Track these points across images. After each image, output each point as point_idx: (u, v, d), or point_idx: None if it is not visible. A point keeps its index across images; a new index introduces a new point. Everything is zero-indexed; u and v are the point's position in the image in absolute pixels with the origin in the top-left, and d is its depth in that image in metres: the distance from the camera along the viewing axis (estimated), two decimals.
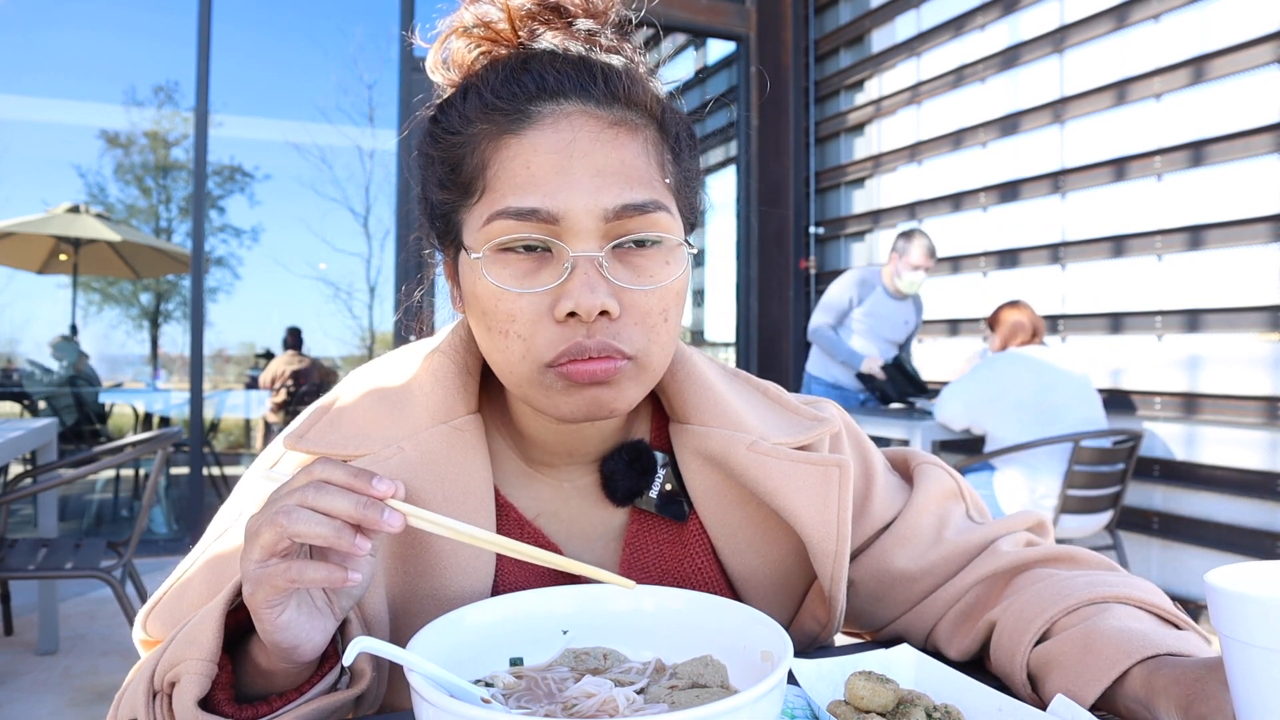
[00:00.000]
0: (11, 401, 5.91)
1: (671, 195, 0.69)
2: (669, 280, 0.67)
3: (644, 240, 0.66)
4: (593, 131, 0.65)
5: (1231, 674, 0.51)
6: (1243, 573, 0.52)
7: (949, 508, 0.85)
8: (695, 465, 0.78)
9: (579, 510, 0.80)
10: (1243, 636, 0.49)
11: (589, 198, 0.64)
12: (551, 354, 0.65)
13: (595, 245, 0.64)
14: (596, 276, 0.64)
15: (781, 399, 0.84)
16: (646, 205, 0.65)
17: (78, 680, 2.79)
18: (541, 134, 0.65)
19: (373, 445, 0.71)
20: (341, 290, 6.77)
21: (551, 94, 0.66)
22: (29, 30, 5.51)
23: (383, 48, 5.69)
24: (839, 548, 0.74)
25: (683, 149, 0.72)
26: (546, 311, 0.65)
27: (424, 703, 0.49)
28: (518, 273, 0.65)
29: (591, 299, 0.63)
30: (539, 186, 0.64)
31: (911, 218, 4.77)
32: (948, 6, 4.51)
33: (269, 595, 0.55)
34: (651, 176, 0.67)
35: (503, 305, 0.66)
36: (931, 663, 0.66)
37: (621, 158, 0.66)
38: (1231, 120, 3.21)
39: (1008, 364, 3.23)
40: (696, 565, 0.80)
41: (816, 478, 0.75)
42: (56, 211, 5.63)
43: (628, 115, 0.67)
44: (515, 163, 0.65)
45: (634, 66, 0.70)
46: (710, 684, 0.59)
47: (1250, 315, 3.17)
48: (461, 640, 0.62)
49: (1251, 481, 3.18)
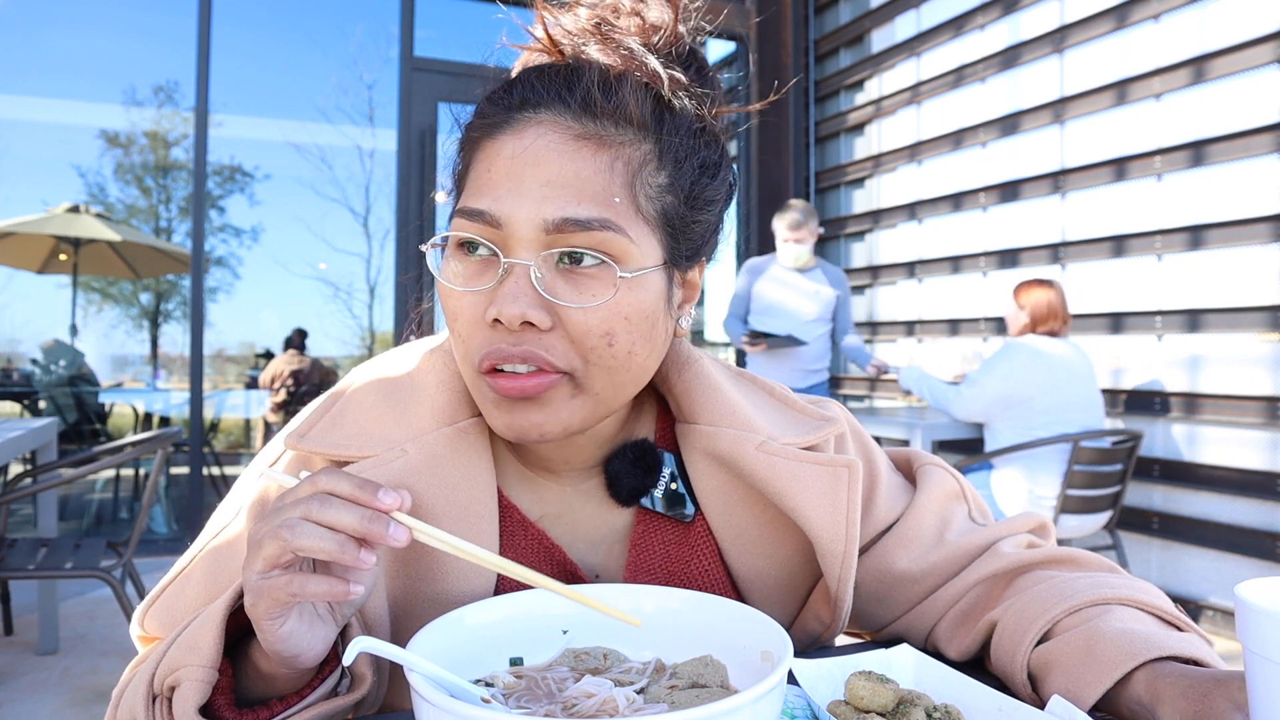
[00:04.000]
0: (11, 401, 5.91)
1: (640, 218, 0.66)
2: (605, 299, 0.64)
3: (580, 256, 0.64)
4: (553, 142, 0.65)
5: (1253, 689, 0.50)
6: (1274, 588, 0.51)
7: (951, 509, 0.85)
8: (702, 465, 0.78)
9: (583, 512, 0.79)
10: (1269, 654, 0.48)
11: (532, 206, 0.63)
12: (479, 356, 0.66)
13: (530, 254, 0.64)
14: (525, 285, 0.63)
15: (788, 399, 0.84)
16: (590, 222, 0.63)
17: (78, 680, 2.79)
18: (508, 140, 0.66)
19: (376, 446, 0.71)
20: (341, 290, 6.78)
21: (532, 104, 0.66)
22: (29, 30, 5.51)
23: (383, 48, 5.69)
24: (847, 548, 0.74)
25: (685, 172, 0.69)
26: (481, 315, 0.65)
27: (424, 703, 0.49)
28: (464, 272, 0.67)
29: (513, 307, 0.62)
30: (492, 190, 0.65)
31: (911, 218, 4.78)
32: (947, 6, 4.51)
33: (270, 607, 0.54)
34: (609, 194, 0.64)
35: (449, 303, 0.67)
36: (931, 663, 0.66)
37: (576, 170, 0.64)
38: (1231, 120, 3.21)
39: (1028, 358, 3.15)
40: (702, 566, 0.80)
41: (826, 478, 0.75)
42: (56, 211, 5.63)
43: (601, 130, 0.65)
44: (481, 165, 0.67)
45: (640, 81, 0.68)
46: (710, 684, 0.59)
47: (1250, 315, 3.17)
48: (461, 640, 0.61)
49: (1252, 481, 3.18)
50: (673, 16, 0.71)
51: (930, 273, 4.68)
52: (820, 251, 5.52)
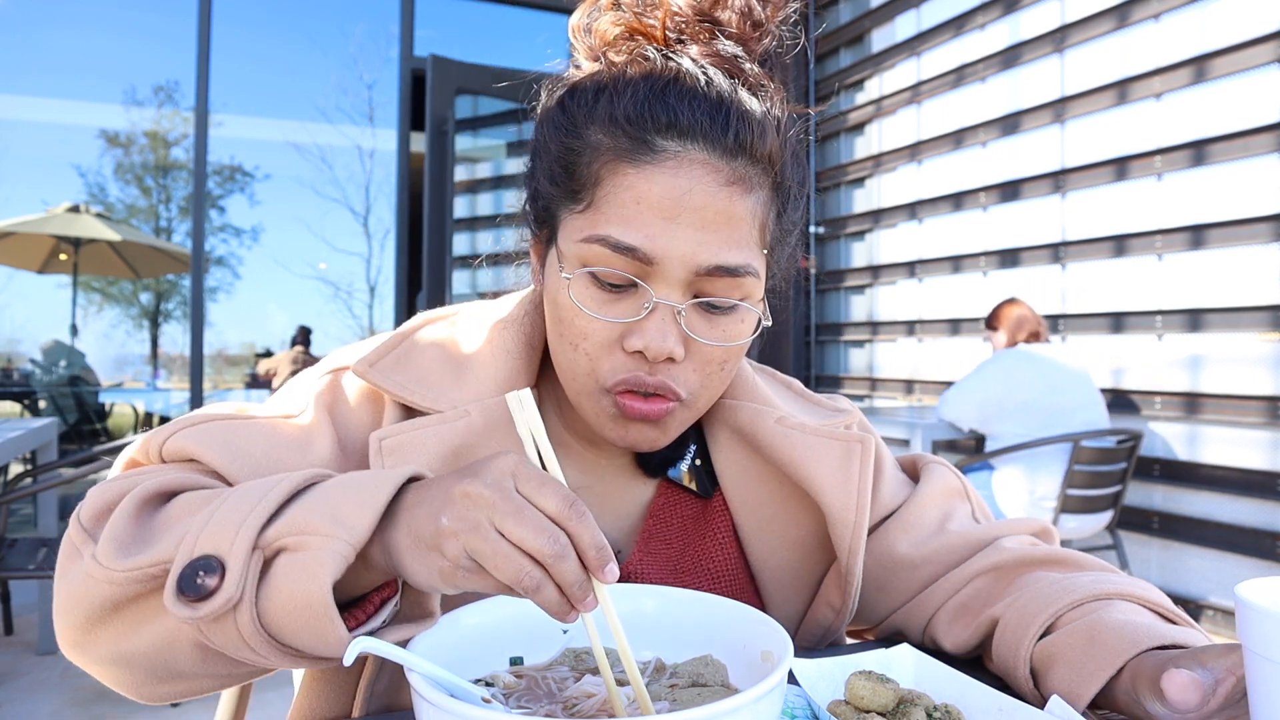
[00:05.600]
0: (11, 401, 5.91)
1: (765, 257, 0.70)
2: (740, 340, 0.69)
3: (729, 307, 0.68)
4: (709, 186, 0.65)
5: (1253, 689, 0.50)
6: (1274, 588, 0.51)
7: (954, 504, 0.87)
8: (724, 440, 0.81)
9: (611, 485, 0.82)
10: (1269, 654, 0.48)
11: (687, 249, 0.65)
12: (612, 380, 0.68)
13: (679, 295, 0.66)
14: (672, 323, 0.66)
15: (804, 392, 0.88)
16: (738, 270, 0.66)
17: (78, 680, 2.79)
18: (660, 172, 0.65)
19: (439, 403, 0.72)
20: (341, 290, 6.78)
21: (680, 134, 0.65)
22: (29, 30, 5.51)
23: (383, 48, 5.69)
24: (858, 518, 0.76)
25: (789, 204, 0.72)
26: (617, 340, 0.67)
27: (424, 702, 0.49)
28: (600, 298, 0.67)
29: (662, 344, 0.65)
30: (644, 226, 0.65)
31: (912, 217, 4.77)
32: (948, 6, 4.51)
33: (466, 583, 0.50)
34: (752, 239, 0.68)
35: (578, 322, 0.68)
36: (932, 662, 0.66)
37: (730, 216, 0.66)
38: (1232, 120, 3.21)
39: (1014, 362, 3.20)
40: (717, 542, 0.81)
41: (839, 451, 0.77)
42: (56, 211, 5.63)
43: (748, 171, 0.67)
44: (628, 194, 0.65)
45: (769, 111, 0.68)
46: (710, 684, 0.59)
47: (1251, 315, 3.17)
48: (461, 640, 0.61)
49: (1252, 481, 3.18)
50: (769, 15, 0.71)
51: (930, 272, 4.68)
52: (820, 252, 5.52)
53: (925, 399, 4.71)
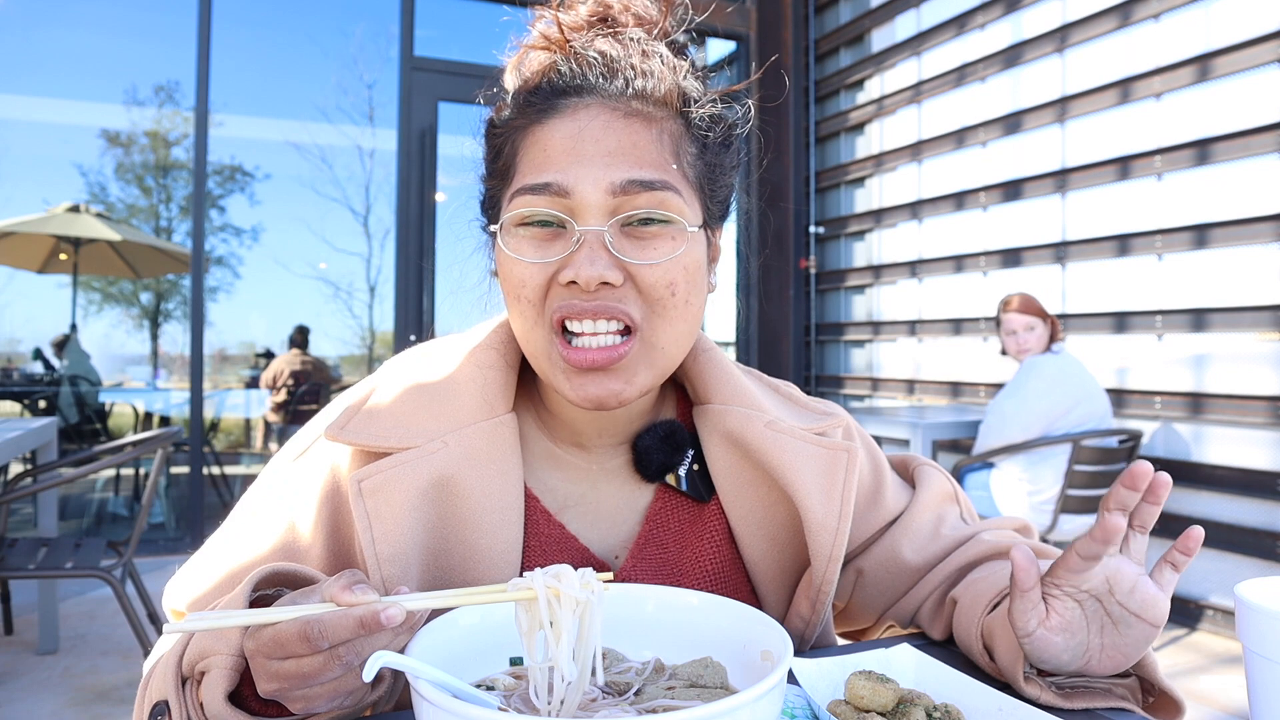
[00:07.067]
0: (11, 401, 5.91)
1: (687, 182, 0.73)
2: (672, 255, 0.70)
3: (650, 218, 0.70)
4: (606, 119, 0.71)
5: (1253, 689, 0.50)
6: (1274, 588, 0.51)
7: (946, 508, 0.91)
8: (717, 445, 0.82)
9: (605, 492, 0.83)
10: (1269, 654, 0.48)
11: (598, 173, 0.69)
12: (551, 312, 0.70)
13: (602, 220, 0.69)
14: (601, 249, 0.69)
15: (793, 395, 0.89)
16: (654, 183, 0.69)
17: (78, 680, 2.79)
18: (560, 122, 0.72)
19: (415, 439, 0.73)
20: (341, 290, 6.77)
21: (575, 90, 0.73)
22: (29, 30, 5.51)
23: (383, 48, 5.68)
24: (840, 525, 0.77)
25: (710, 143, 0.76)
26: (553, 278, 0.70)
27: (424, 702, 0.49)
28: (533, 244, 0.71)
29: (591, 270, 0.67)
30: (553, 164, 0.70)
31: (912, 217, 4.77)
32: (948, 6, 4.51)
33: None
34: (663, 161, 0.71)
35: (516, 271, 0.71)
36: (932, 662, 0.66)
37: (634, 141, 0.70)
38: (1233, 119, 3.21)
39: (1057, 371, 3.15)
40: (713, 544, 0.82)
41: (825, 458, 0.79)
42: (57, 211, 5.62)
43: (644, 108, 0.72)
44: (536, 147, 0.72)
45: (665, 68, 0.74)
46: (710, 684, 0.59)
47: (1252, 315, 3.17)
48: (462, 640, 0.61)
49: (1253, 481, 3.18)
50: (662, 11, 0.78)
51: (931, 272, 4.68)
52: (821, 251, 5.52)
53: (926, 399, 4.71)
